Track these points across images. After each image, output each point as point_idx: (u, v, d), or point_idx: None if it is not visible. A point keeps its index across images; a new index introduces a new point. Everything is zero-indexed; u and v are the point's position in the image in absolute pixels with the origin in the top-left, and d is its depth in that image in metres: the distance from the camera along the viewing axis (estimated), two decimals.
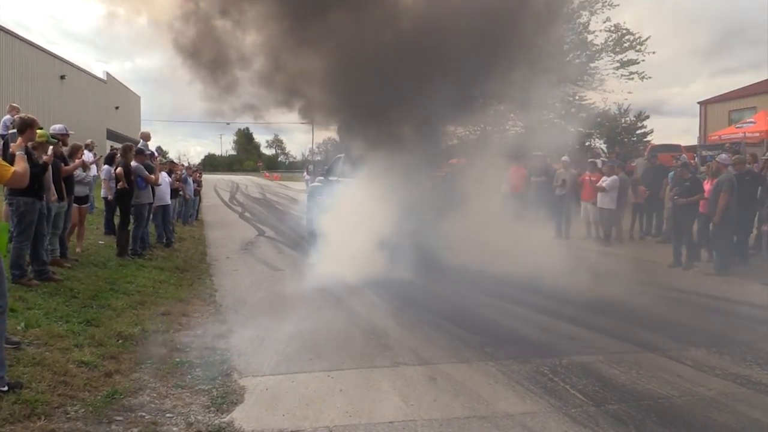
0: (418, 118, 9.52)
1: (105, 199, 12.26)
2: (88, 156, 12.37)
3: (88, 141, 13.02)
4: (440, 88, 8.99)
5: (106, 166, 12.26)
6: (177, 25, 10.00)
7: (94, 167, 12.06)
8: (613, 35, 25.52)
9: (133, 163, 10.40)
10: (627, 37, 25.37)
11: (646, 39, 25.20)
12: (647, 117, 42.08)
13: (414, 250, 9.23)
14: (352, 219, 9.67)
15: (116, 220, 11.11)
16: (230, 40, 10.37)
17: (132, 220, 10.54)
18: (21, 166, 4.60)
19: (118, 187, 10.23)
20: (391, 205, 9.31)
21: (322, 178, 14.23)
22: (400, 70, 9.16)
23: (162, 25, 10.18)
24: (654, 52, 26.05)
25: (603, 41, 26.02)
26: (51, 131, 8.64)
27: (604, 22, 25.31)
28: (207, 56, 10.24)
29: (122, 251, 9.99)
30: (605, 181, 13.20)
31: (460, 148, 14.84)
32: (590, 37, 26.03)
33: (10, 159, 4.75)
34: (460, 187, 11.14)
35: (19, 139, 5.11)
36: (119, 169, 10.15)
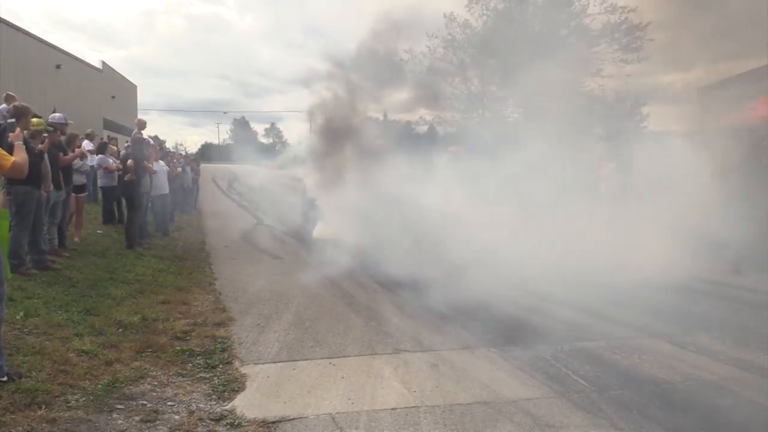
0: None
1: (102, 188, 12.20)
2: (87, 145, 12.37)
3: (89, 131, 13.04)
4: None
5: (99, 155, 12.20)
6: None
7: (95, 157, 12.04)
8: (612, 18, 25.36)
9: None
10: (627, 19, 25.18)
11: (647, 25, 25.03)
12: (644, 103, 41.94)
13: (413, 236, 9.20)
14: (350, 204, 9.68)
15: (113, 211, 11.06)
16: None
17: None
18: (20, 156, 4.55)
19: (126, 179, 10.16)
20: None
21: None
22: None
23: None
24: (653, 40, 25.91)
25: (602, 26, 25.86)
26: (50, 120, 8.60)
27: (602, 3, 25.17)
28: None
29: (131, 243, 9.95)
30: (604, 169, 13.13)
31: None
32: (588, 21, 25.89)
33: (8, 148, 4.68)
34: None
35: (17, 129, 5.05)
36: (130, 162, 10.09)
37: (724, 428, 3.93)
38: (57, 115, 9.22)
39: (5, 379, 4.05)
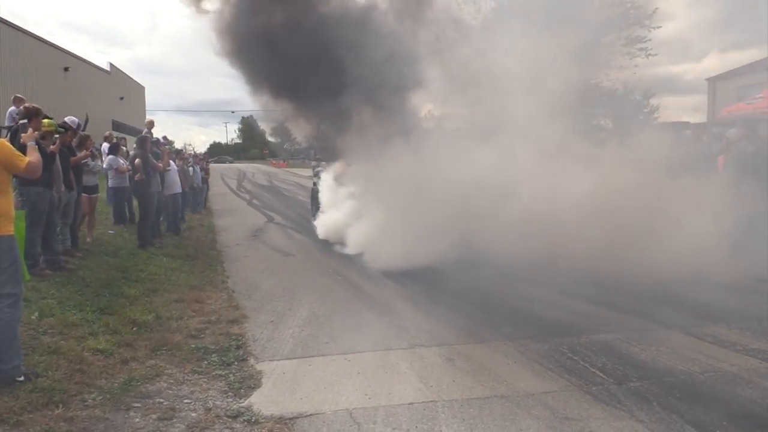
0: None
1: (113, 189, 12.23)
2: (105, 147, 12.44)
3: (107, 133, 13.16)
4: None
5: (110, 156, 12.22)
6: None
7: (107, 158, 12.08)
8: (618, 10, 25.14)
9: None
10: (632, 12, 24.98)
11: (653, 12, 24.80)
12: (653, 95, 41.55)
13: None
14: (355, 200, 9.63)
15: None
16: None
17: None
18: (34, 156, 4.54)
19: (136, 179, 10.17)
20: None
21: (324, 164, 14.25)
22: None
23: None
24: (660, 27, 25.68)
25: (607, 17, 25.63)
26: (67, 120, 8.64)
27: None
28: None
29: (143, 242, 9.95)
30: None
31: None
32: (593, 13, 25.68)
33: (21, 149, 4.68)
34: None
35: (30, 130, 5.04)
36: (138, 161, 10.10)
37: (745, 419, 3.88)
38: (73, 118, 9.17)
39: (22, 378, 4.06)
